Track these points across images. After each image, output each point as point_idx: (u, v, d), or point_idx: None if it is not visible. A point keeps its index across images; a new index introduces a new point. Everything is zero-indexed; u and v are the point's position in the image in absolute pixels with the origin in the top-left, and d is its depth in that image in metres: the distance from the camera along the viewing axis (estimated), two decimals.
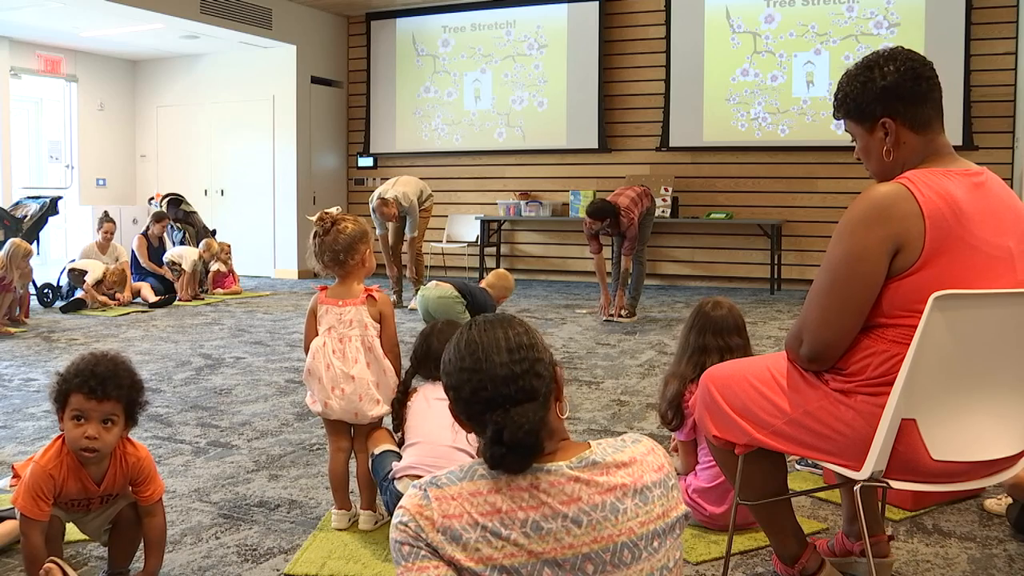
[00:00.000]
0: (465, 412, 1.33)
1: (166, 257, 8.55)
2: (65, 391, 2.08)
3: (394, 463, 2.58)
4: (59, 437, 2.15)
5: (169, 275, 8.47)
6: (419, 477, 2.43)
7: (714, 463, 2.58)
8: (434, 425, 2.54)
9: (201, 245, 8.82)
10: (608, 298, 7.07)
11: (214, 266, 8.96)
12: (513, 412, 1.27)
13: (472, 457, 2.38)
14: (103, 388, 2.07)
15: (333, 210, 2.75)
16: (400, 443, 2.65)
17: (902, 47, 1.91)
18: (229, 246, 9.26)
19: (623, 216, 6.71)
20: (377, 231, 8.23)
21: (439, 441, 2.51)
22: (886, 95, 1.84)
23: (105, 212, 8.78)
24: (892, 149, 1.88)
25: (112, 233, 8.37)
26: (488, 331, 1.34)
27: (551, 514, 1.25)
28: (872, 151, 1.92)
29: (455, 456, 2.47)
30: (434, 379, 2.70)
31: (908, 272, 1.74)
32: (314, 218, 2.72)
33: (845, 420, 1.85)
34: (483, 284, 6.15)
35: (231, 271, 9.17)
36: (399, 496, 2.52)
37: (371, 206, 7.84)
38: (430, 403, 2.63)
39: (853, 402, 1.84)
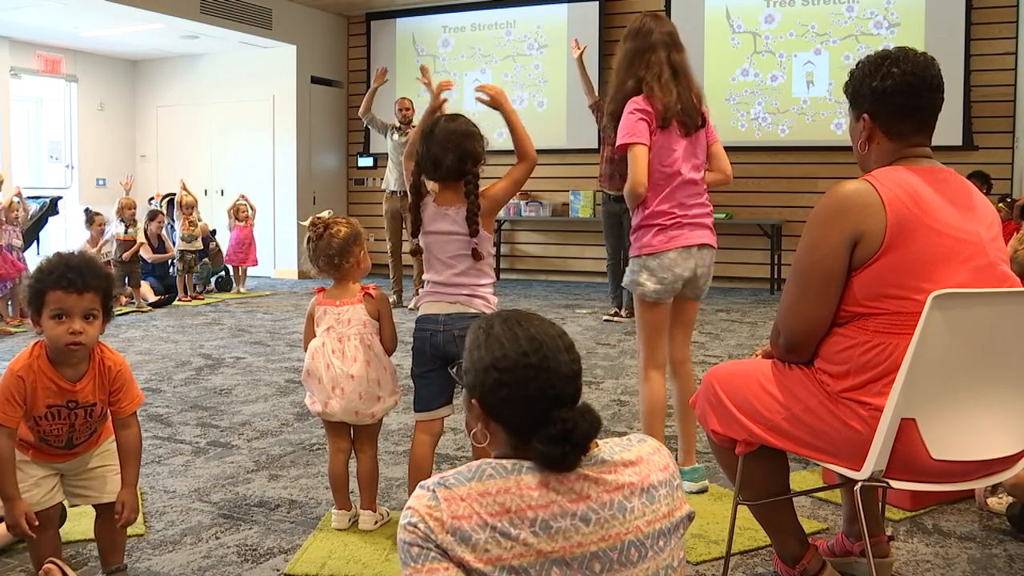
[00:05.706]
0: (526, 409, 1.30)
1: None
2: (40, 290, 2.02)
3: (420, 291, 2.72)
4: (32, 344, 2.10)
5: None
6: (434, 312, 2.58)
7: None
8: (435, 261, 2.66)
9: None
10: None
11: None
12: (579, 409, 1.29)
13: (472, 293, 2.60)
14: (82, 279, 2.02)
15: (324, 214, 2.76)
16: (418, 250, 2.74)
17: (926, 54, 1.97)
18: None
19: None
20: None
21: (446, 279, 2.63)
22: (874, 96, 1.94)
23: (87, 209, 8.56)
24: (866, 143, 1.99)
25: (104, 225, 8.14)
26: (543, 328, 1.34)
27: (560, 512, 1.25)
28: (853, 136, 2.04)
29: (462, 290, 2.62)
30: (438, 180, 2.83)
31: (872, 260, 1.82)
32: (306, 223, 2.74)
33: (843, 421, 1.85)
34: None
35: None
36: (424, 316, 2.64)
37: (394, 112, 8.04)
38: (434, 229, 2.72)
39: (849, 406, 1.85)
